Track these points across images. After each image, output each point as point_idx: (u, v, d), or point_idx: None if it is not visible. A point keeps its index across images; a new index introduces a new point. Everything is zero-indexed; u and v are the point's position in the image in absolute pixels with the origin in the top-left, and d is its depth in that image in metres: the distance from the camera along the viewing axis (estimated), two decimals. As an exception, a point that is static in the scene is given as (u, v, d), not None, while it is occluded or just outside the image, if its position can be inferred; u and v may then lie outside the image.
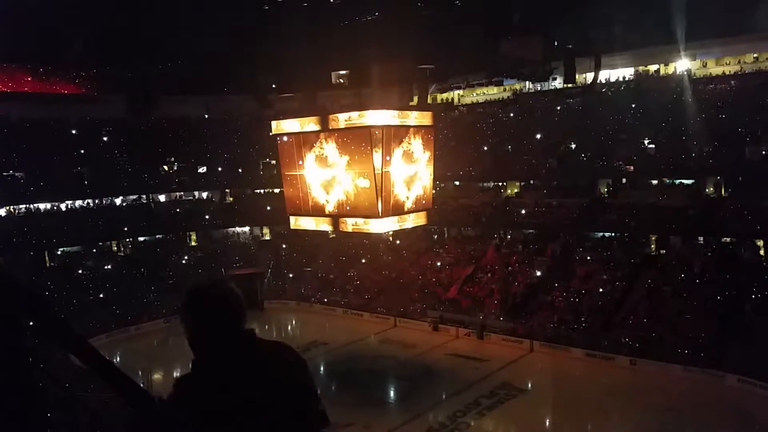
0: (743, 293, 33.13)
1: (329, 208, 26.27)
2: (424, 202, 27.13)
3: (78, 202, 50.03)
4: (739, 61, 44.47)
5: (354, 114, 24.80)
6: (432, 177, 27.66)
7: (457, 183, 50.21)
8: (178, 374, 2.25)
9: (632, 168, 42.24)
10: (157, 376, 31.17)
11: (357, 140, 24.62)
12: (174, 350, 37.80)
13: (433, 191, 28.70)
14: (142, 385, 2.25)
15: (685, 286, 35.12)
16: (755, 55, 43.91)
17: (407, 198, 26.11)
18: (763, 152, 37.50)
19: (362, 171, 24.48)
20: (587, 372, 31.63)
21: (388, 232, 38.38)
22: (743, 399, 27.03)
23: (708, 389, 28.14)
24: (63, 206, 49.26)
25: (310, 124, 26.08)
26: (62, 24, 33.67)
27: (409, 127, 25.72)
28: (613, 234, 41.44)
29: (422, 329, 39.14)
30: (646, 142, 43.02)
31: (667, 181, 41.83)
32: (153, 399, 2.16)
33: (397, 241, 48.18)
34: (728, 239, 37.33)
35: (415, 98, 28.05)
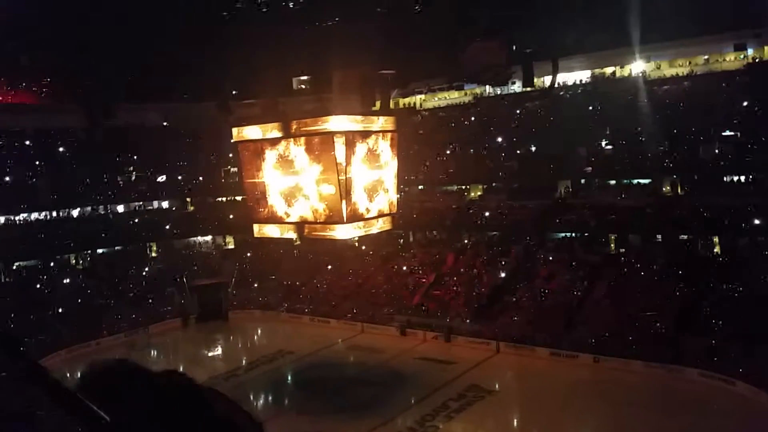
0: (701, 289, 34.01)
1: (293, 215, 26.07)
2: (388, 206, 27.14)
3: (34, 215, 48.63)
4: (690, 63, 45.73)
5: (316, 120, 24.71)
6: (396, 181, 27.71)
7: (421, 187, 50.40)
8: None
9: (591, 169, 43.03)
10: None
11: (320, 146, 24.52)
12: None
13: (398, 195, 28.77)
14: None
15: (645, 283, 35.89)
16: (706, 57, 45.19)
17: (372, 203, 26.09)
18: (716, 151, 38.63)
19: (326, 177, 24.39)
20: (552, 371, 32.02)
21: (353, 238, 38.29)
22: (704, 392, 27.74)
23: (669, 384, 28.76)
24: (18, 219, 47.85)
25: (272, 131, 25.87)
26: (16, 34, 32.81)
27: (372, 132, 25.74)
28: (573, 234, 42.12)
29: (390, 334, 39.10)
30: (603, 143, 43.90)
31: (625, 181, 42.73)
32: (105, 420, 2.05)
33: (363, 247, 48.09)
34: (686, 236, 38.28)
35: (378, 103, 28.10)
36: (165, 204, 55.74)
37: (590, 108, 46.14)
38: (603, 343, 32.57)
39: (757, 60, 42.49)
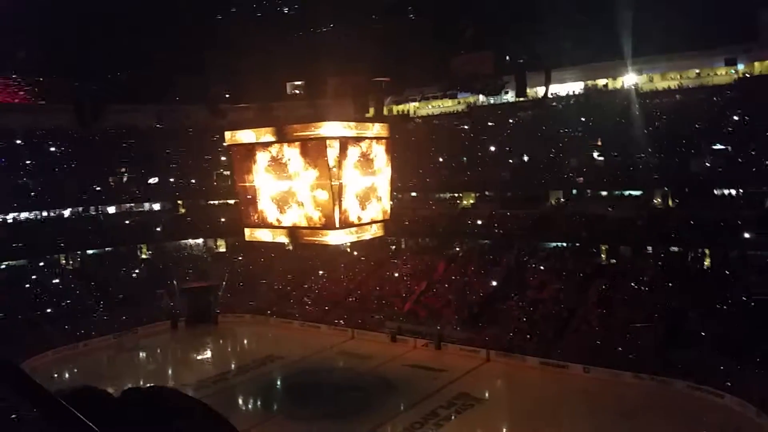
0: (691, 301, 34.14)
1: (285, 219, 26.04)
2: (381, 213, 27.17)
3: (24, 215, 48.33)
4: (681, 76, 46.13)
5: (310, 125, 24.73)
6: (389, 188, 27.75)
7: (413, 194, 50.47)
8: None
9: (582, 180, 43.21)
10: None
11: (313, 152, 24.53)
12: (123, 367, 36.90)
13: (391, 202, 28.79)
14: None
15: (635, 294, 36.01)
16: (697, 71, 45.61)
17: (364, 209, 26.11)
18: (707, 164, 38.89)
19: (319, 182, 24.39)
20: (542, 380, 32.03)
21: (345, 244, 38.30)
22: (691, 404, 27.81)
23: (658, 395, 28.83)
24: (8, 218, 47.54)
25: (265, 135, 25.86)
26: (6, 32, 32.70)
27: (366, 138, 25.78)
28: (565, 244, 42.25)
29: (380, 341, 39.04)
30: (595, 154, 44.11)
31: (616, 192, 42.93)
32: (85, 423, 2.06)
33: (355, 253, 48.07)
34: (676, 248, 38.47)
35: (371, 110, 28.17)
36: (156, 206, 55.50)
37: (582, 119, 46.40)
38: (593, 353, 32.65)
39: (747, 75, 42.93)
